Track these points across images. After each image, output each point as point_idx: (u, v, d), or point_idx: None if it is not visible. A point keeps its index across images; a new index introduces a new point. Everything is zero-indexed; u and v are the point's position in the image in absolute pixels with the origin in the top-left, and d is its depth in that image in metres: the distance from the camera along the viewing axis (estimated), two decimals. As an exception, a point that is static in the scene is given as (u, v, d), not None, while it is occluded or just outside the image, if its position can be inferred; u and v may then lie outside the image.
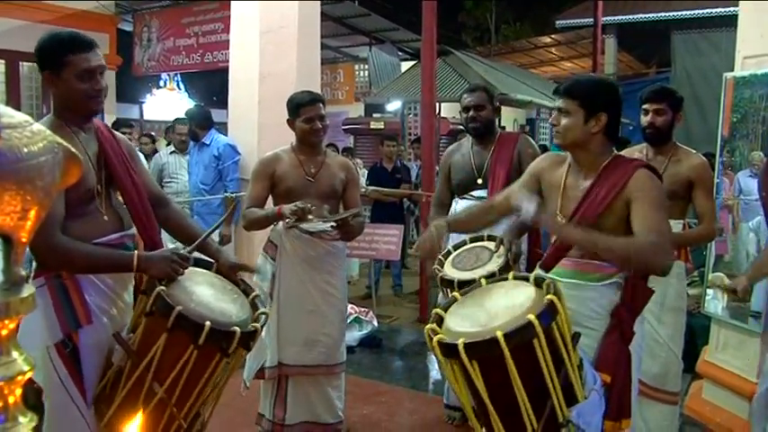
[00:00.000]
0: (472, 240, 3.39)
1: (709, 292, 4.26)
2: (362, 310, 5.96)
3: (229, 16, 6.11)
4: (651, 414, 3.48)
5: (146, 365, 2.13)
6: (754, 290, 3.89)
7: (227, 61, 6.20)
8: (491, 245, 3.25)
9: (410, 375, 5.12)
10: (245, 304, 2.39)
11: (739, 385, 3.94)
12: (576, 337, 2.10)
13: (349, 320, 5.46)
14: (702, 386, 4.34)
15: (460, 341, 1.94)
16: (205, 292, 2.31)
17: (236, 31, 5.95)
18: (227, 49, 6.41)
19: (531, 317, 1.92)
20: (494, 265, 3.12)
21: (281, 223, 3.47)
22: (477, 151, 3.91)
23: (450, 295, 3.09)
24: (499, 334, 1.90)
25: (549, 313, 1.97)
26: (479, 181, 3.85)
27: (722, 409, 4.08)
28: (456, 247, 3.44)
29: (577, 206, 2.38)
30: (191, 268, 2.38)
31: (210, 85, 14.15)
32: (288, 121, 3.58)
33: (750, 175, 4.04)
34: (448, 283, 3.15)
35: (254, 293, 2.47)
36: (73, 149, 0.95)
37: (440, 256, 3.39)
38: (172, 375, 2.13)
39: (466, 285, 2.91)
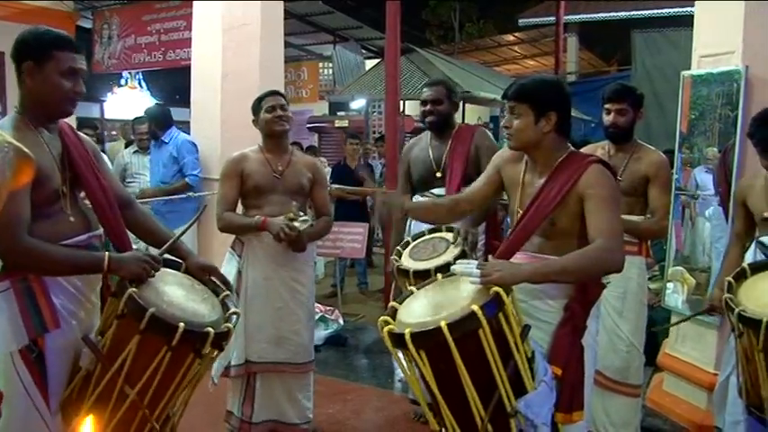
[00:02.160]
0: (430, 231, 3.44)
1: (670, 286, 4.34)
2: (328, 308, 5.95)
3: (191, 14, 6.05)
4: (614, 407, 3.54)
5: (117, 368, 2.10)
6: (710, 285, 3.99)
7: (190, 59, 6.14)
8: (449, 236, 3.31)
9: (376, 373, 5.13)
10: (216, 304, 2.38)
11: (698, 376, 4.03)
12: (525, 329, 2.14)
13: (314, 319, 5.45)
14: (663, 378, 4.42)
15: (407, 331, 1.99)
16: (176, 293, 2.29)
17: (199, 29, 5.89)
18: (190, 46, 6.35)
19: (475, 307, 1.97)
20: (450, 255, 3.17)
21: None
22: (435, 145, 3.93)
23: (406, 285, 3.15)
24: (443, 324, 1.94)
25: (494, 304, 2.01)
26: (438, 174, 3.87)
27: (682, 400, 4.17)
28: (414, 238, 3.50)
29: (531, 202, 2.41)
30: (162, 269, 2.35)
31: (173, 84, 13.95)
32: (253, 121, 3.62)
33: (706, 171, 4.12)
34: (404, 273, 3.19)
35: (224, 293, 2.46)
36: (25, 149, 0.93)
37: (398, 247, 3.47)
38: (144, 377, 2.11)
39: (421, 275, 3.00)
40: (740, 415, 3.04)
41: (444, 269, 3.09)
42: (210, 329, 2.15)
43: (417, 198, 3.95)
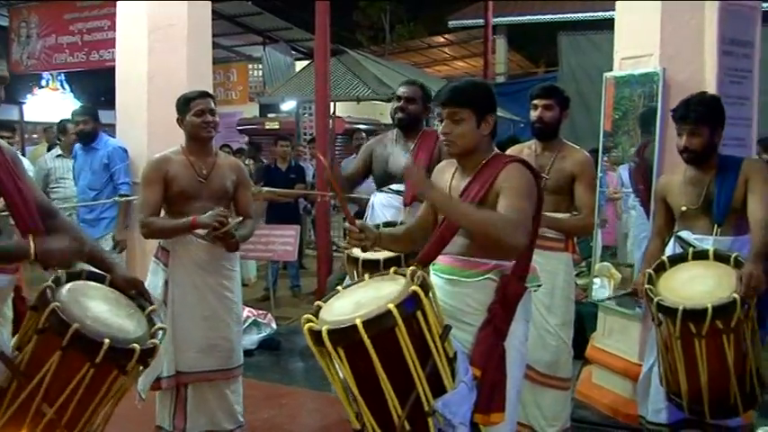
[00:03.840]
0: (385, 225, 3.46)
1: (597, 281, 4.46)
2: (260, 312, 5.88)
3: (115, 13, 5.88)
4: (545, 400, 3.61)
5: (35, 385, 2.00)
6: (633, 281, 4.12)
7: (115, 60, 5.96)
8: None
9: (311, 376, 5.09)
10: (141, 319, 2.30)
11: (625, 367, 4.15)
12: (446, 329, 2.14)
13: (247, 323, 5.39)
14: (592, 371, 4.54)
15: (324, 328, 2.01)
16: (101, 308, 2.20)
17: (123, 29, 5.74)
18: (114, 47, 6.16)
19: (391, 305, 1.98)
20: None
21: None
22: (400, 144, 3.90)
23: (354, 274, 3.15)
24: (358, 321, 1.96)
25: (411, 303, 2.03)
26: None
27: (609, 391, 4.29)
28: None
29: None
30: (85, 282, 2.28)
31: (97, 85, 13.55)
32: (178, 119, 3.50)
33: (628, 170, 4.26)
34: (353, 262, 3.24)
35: (150, 308, 2.38)
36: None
37: None
38: (64, 395, 2.01)
39: (370, 265, 3.07)
40: (662, 403, 3.16)
41: (393, 261, 3.12)
42: (136, 346, 2.08)
43: (375, 194, 3.95)
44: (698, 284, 2.85)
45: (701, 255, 2.98)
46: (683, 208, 3.23)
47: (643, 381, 3.35)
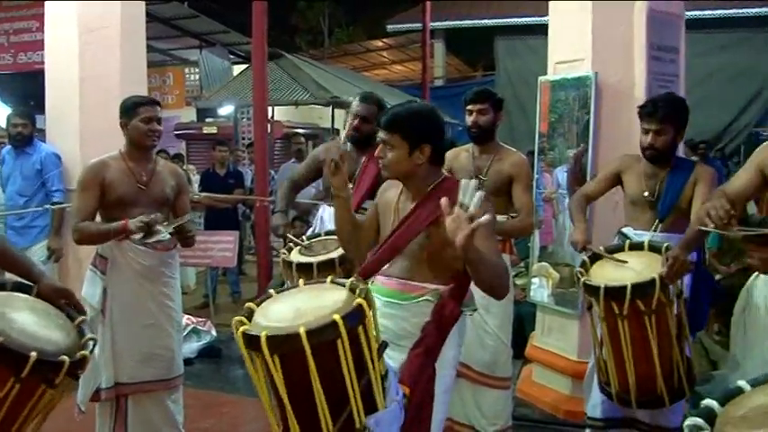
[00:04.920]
0: (327, 233, 3.49)
1: (535, 281, 4.54)
2: (200, 320, 5.80)
3: (43, 13, 5.69)
4: (485, 400, 3.65)
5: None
6: (569, 280, 4.22)
7: (44, 63, 5.78)
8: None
9: (252, 384, 4.99)
10: (71, 330, 2.22)
11: (563, 365, 4.24)
12: (383, 345, 2.12)
13: (186, 331, 5.30)
14: (532, 369, 4.62)
15: (263, 333, 1.93)
16: (27, 320, 2.12)
17: (52, 31, 5.56)
18: (43, 49, 5.96)
19: (336, 317, 1.93)
20: (336, 253, 3.19)
21: None
22: (351, 155, 3.76)
23: (290, 278, 3.12)
24: (302, 330, 1.90)
25: (355, 316, 1.98)
26: (350, 186, 3.78)
27: (550, 389, 4.38)
28: (309, 238, 3.55)
29: (399, 224, 2.39)
30: (9, 293, 2.20)
31: (25, 88, 13.10)
32: (121, 122, 3.42)
33: (565, 171, 4.36)
34: (288, 265, 3.21)
35: (79, 319, 2.30)
36: None
37: (290, 243, 3.47)
38: (-14, 412, 1.93)
39: (304, 268, 3.05)
40: (599, 398, 3.24)
41: (327, 265, 3.10)
42: (65, 358, 2.01)
43: (324, 208, 3.88)
44: (627, 269, 2.95)
45: (636, 246, 3.10)
46: (636, 197, 3.34)
47: (587, 378, 3.43)
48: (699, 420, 1.27)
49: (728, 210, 2.39)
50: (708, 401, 1.30)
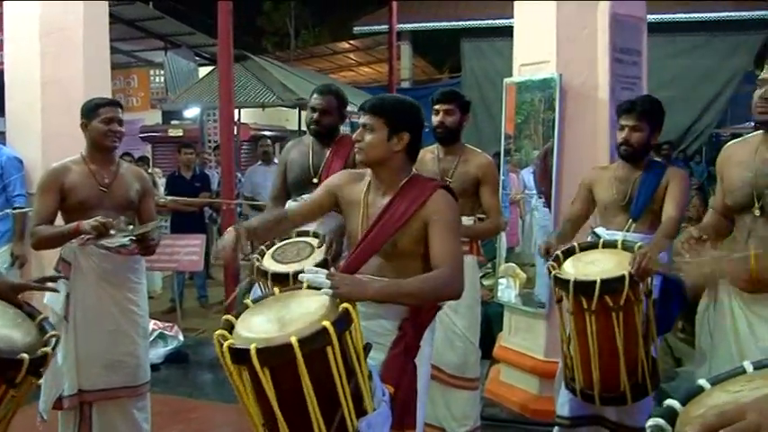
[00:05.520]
0: (298, 234, 3.40)
1: (502, 281, 4.57)
2: (167, 324, 5.72)
3: (2, 14, 5.58)
4: (454, 401, 3.67)
5: None
6: (536, 280, 4.26)
7: (3, 64, 5.66)
8: (315, 241, 3.28)
9: (220, 389, 4.99)
10: (31, 328, 2.18)
11: (531, 365, 4.28)
12: (367, 347, 2.13)
13: (153, 337, 5.23)
14: (500, 369, 4.65)
15: (252, 346, 1.89)
16: None
17: (11, 32, 5.45)
18: (2, 50, 5.85)
19: (327, 323, 1.91)
20: (311, 261, 3.14)
21: (74, 239, 3.25)
22: (316, 151, 3.73)
23: (264, 287, 3.08)
24: (293, 339, 1.87)
25: (343, 321, 1.97)
26: (315, 180, 3.68)
27: (518, 389, 4.41)
28: (281, 240, 3.45)
29: (374, 222, 2.41)
30: None
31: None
32: (81, 124, 3.37)
33: (532, 172, 4.40)
34: (263, 274, 3.15)
35: (41, 316, 2.27)
36: None
37: (262, 247, 3.38)
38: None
39: (280, 278, 2.98)
40: (567, 396, 3.27)
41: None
42: (25, 356, 1.97)
43: (290, 203, 3.77)
44: (599, 265, 2.99)
45: (610, 244, 3.14)
46: (608, 201, 3.39)
47: (558, 376, 3.46)
48: (660, 421, 1.27)
49: (698, 238, 2.49)
50: (670, 401, 1.30)
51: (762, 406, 1.09)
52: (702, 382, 1.34)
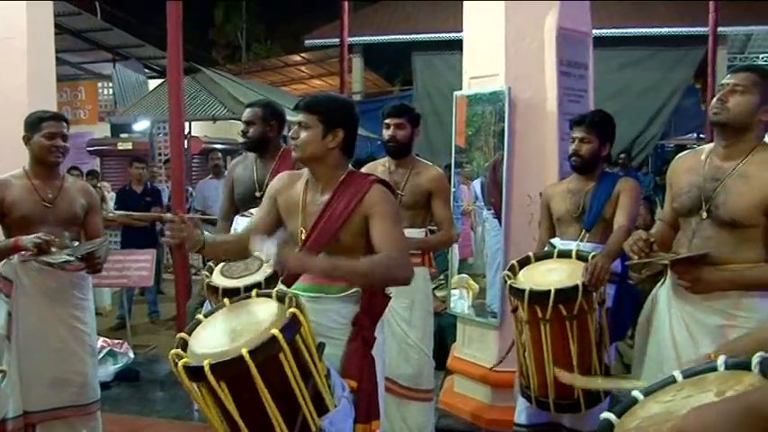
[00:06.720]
0: None
1: (455, 293, 4.60)
2: (116, 342, 5.60)
3: (-57, 24, 5.41)
4: (409, 413, 3.68)
5: None
6: (487, 291, 4.31)
7: (-58, 75, 5.48)
8: (263, 255, 3.25)
9: (173, 405, 4.91)
10: None
11: (484, 374, 4.30)
12: (320, 347, 2.16)
13: (102, 355, 5.12)
14: (454, 380, 4.67)
15: (206, 362, 1.90)
16: None
17: (-48, 43, 5.30)
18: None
19: (275, 331, 1.94)
20: (261, 275, 3.13)
21: (15, 255, 3.17)
22: (259, 165, 3.76)
23: (217, 303, 3.05)
24: (244, 351, 1.89)
25: (292, 326, 2.00)
26: (258, 194, 3.66)
27: (471, 399, 4.43)
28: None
29: (317, 220, 2.44)
30: None
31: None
32: (24, 137, 3.31)
33: (481, 183, 4.44)
34: (213, 290, 3.14)
35: None
36: None
37: (210, 263, 3.39)
38: None
39: (230, 293, 2.93)
40: (524, 404, 3.31)
41: (254, 287, 3.04)
42: None
43: (237, 219, 3.78)
44: (554, 275, 3.05)
45: (564, 254, 3.21)
46: (562, 213, 3.47)
47: (516, 384, 3.49)
48: None
49: (646, 239, 2.54)
50: (606, 414, 1.34)
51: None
52: (636, 393, 1.37)
